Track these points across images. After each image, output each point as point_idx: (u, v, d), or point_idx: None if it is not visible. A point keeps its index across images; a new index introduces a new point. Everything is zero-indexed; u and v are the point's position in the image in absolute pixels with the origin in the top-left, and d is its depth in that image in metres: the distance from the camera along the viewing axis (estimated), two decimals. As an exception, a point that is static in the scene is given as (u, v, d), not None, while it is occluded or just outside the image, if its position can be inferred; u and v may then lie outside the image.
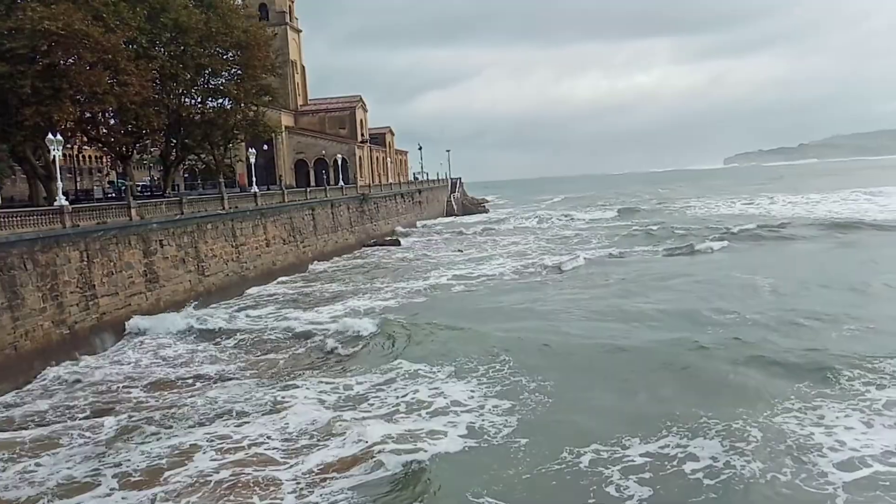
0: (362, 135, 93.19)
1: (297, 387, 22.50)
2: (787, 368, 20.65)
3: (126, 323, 30.85)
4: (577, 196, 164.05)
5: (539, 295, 36.23)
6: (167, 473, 16.48)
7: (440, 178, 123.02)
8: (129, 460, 17.34)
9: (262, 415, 19.94)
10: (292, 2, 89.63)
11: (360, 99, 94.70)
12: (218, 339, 29.20)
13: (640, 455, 15.98)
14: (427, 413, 19.54)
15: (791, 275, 37.74)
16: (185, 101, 51.33)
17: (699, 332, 26.56)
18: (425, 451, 16.73)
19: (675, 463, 15.58)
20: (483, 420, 18.66)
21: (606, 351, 24.48)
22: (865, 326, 25.90)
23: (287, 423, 19.14)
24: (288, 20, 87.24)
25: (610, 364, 22.93)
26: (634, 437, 16.76)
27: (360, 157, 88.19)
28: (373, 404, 20.52)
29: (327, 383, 22.68)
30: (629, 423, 17.63)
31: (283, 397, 21.28)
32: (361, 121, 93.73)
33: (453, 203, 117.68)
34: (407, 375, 22.97)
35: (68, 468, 17.14)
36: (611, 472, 15.11)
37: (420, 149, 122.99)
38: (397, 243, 66.57)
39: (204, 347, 28.36)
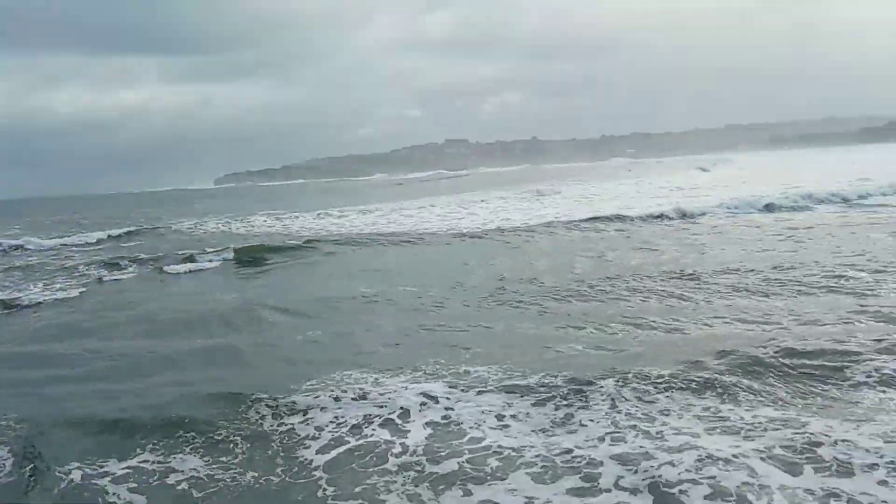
0: None
1: None
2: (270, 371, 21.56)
3: None
4: (56, 219, 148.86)
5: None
6: None
7: None
8: None
9: None
10: None
11: None
12: None
13: (122, 469, 15.73)
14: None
15: (278, 292, 39.64)
16: None
17: (166, 341, 26.55)
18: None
19: (157, 477, 15.36)
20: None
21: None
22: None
23: None
24: None
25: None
26: (111, 458, 16.12)
27: None
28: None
29: None
30: (100, 445, 16.86)
31: None
32: None
33: None
34: None
35: None
36: (104, 483, 14.63)
37: None
38: None
39: None
